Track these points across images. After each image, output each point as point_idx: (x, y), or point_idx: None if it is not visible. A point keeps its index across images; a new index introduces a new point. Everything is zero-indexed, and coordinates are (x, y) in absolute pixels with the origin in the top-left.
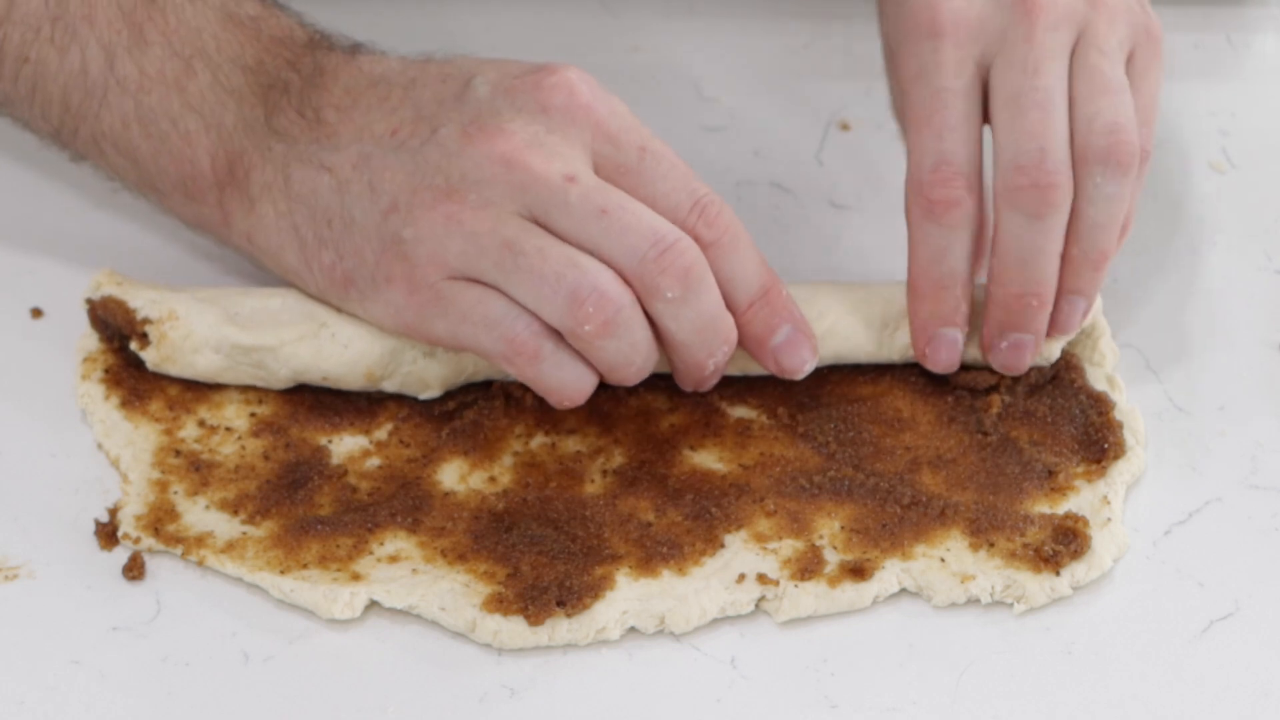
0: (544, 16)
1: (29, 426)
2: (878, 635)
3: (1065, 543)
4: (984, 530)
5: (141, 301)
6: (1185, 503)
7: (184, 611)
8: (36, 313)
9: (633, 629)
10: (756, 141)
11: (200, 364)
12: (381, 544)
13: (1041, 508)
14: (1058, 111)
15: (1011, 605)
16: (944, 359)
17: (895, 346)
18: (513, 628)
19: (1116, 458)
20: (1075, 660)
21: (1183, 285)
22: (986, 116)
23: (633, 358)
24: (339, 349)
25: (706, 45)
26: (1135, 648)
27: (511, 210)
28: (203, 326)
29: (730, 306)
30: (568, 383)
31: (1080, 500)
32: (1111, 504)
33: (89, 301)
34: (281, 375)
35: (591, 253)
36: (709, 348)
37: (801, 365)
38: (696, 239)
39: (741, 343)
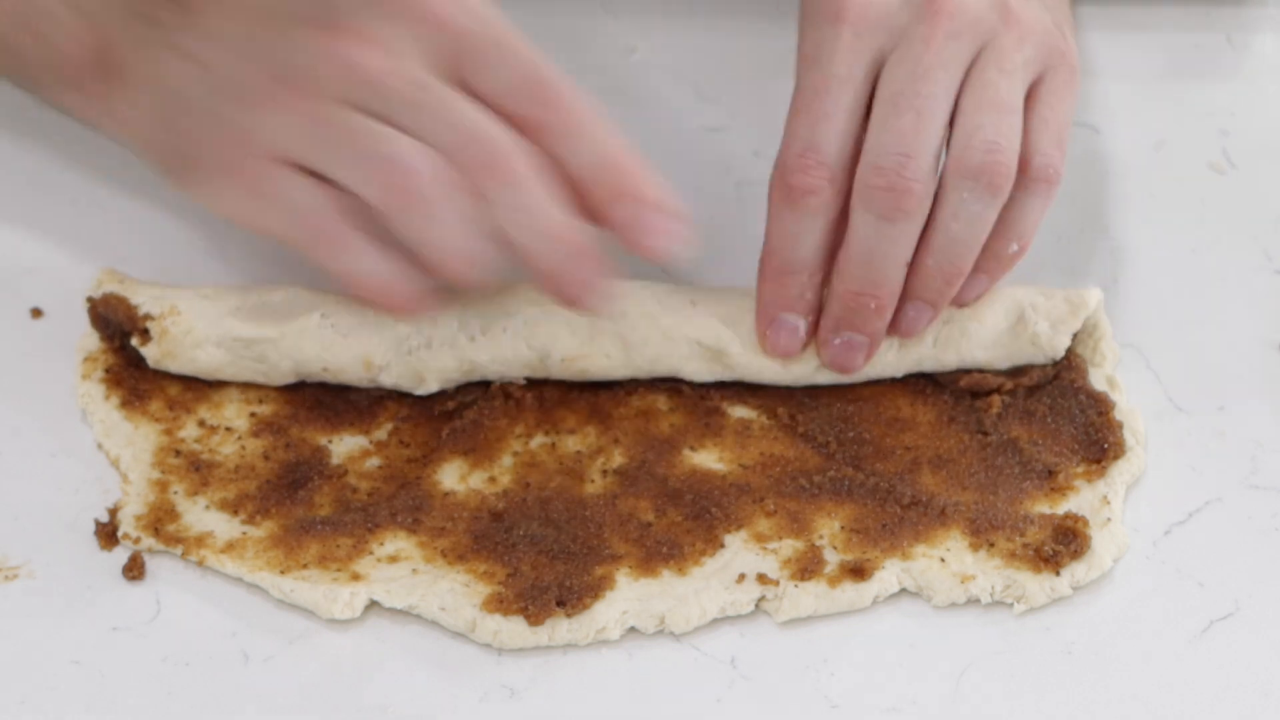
0: (544, 16)
1: (29, 426)
2: (878, 635)
3: (1065, 543)
4: (984, 530)
5: (143, 298)
6: (1185, 503)
7: (184, 611)
8: (36, 313)
9: (633, 629)
10: (756, 141)
11: (202, 359)
12: (381, 544)
13: (1041, 508)
14: (934, 120)
15: (1011, 605)
16: (782, 343)
17: (904, 364)
18: (513, 628)
19: (1116, 458)
20: (1075, 660)
21: (1183, 285)
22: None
23: (447, 238)
24: (339, 338)
25: (706, 45)
26: (1135, 648)
27: (339, 99)
28: (204, 321)
29: (581, 190)
30: (376, 273)
31: (1080, 500)
32: (1111, 504)
33: (90, 300)
34: (283, 368)
35: (419, 144)
36: (537, 242)
37: (666, 245)
38: (531, 124)
39: (602, 225)
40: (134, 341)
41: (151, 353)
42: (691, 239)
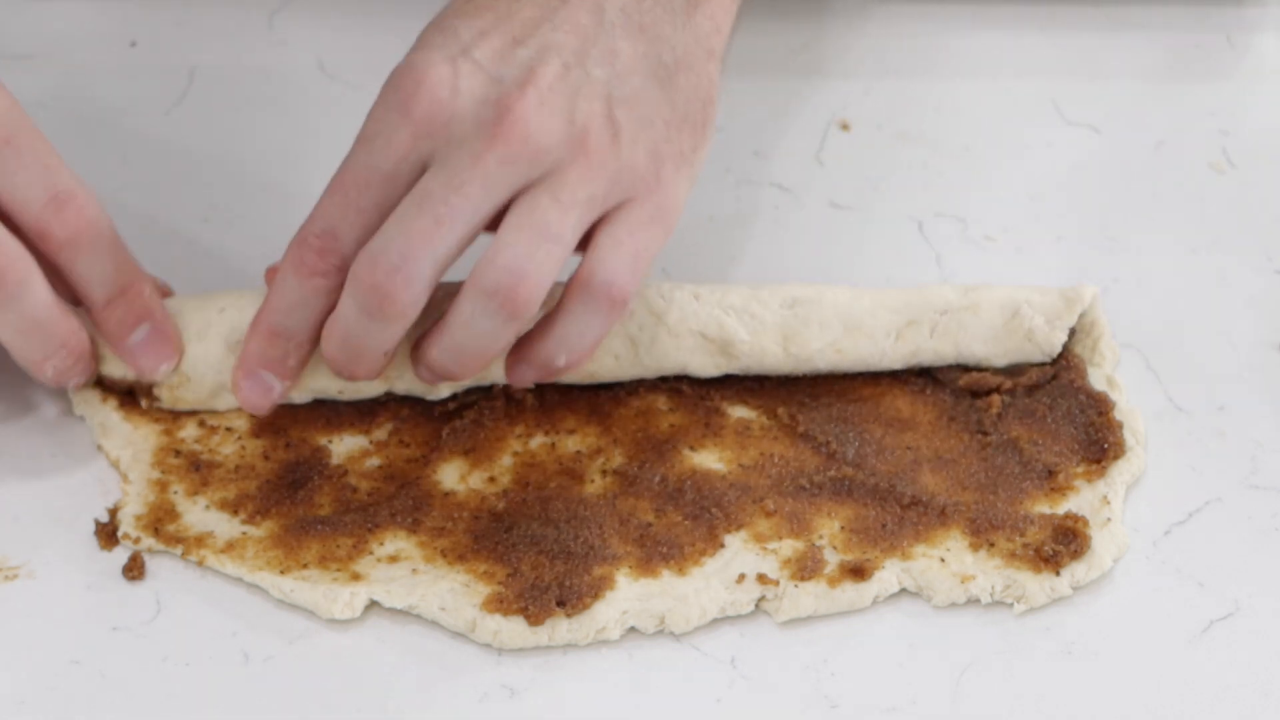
0: None
1: (29, 426)
2: (878, 635)
3: (1065, 543)
4: (984, 530)
5: None
6: (1185, 503)
7: (184, 611)
8: None
9: (633, 629)
10: (756, 141)
11: (220, 405)
12: (381, 544)
13: (1041, 508)
14: (452, 231)
15: (1011, 605)
16: (254, 399)
17: (900, 353)
18: (513, 628)
19: (1116, 458)
20: (1075, 660)
21: (1183, 285)
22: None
23: None
24: None
25: None
26: (1135, 648)
27: None
28: (213, 373)
29: (87, 306)
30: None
31: (1080, 500)
32: (1111, 504)
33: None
34: (301, 399)
35: None
36: (40, 350)
37: (157, 366)
38: (48, 236)
39: (105, 341)
40: (142, 403)
41: (164, 398)
42: (177, 357)
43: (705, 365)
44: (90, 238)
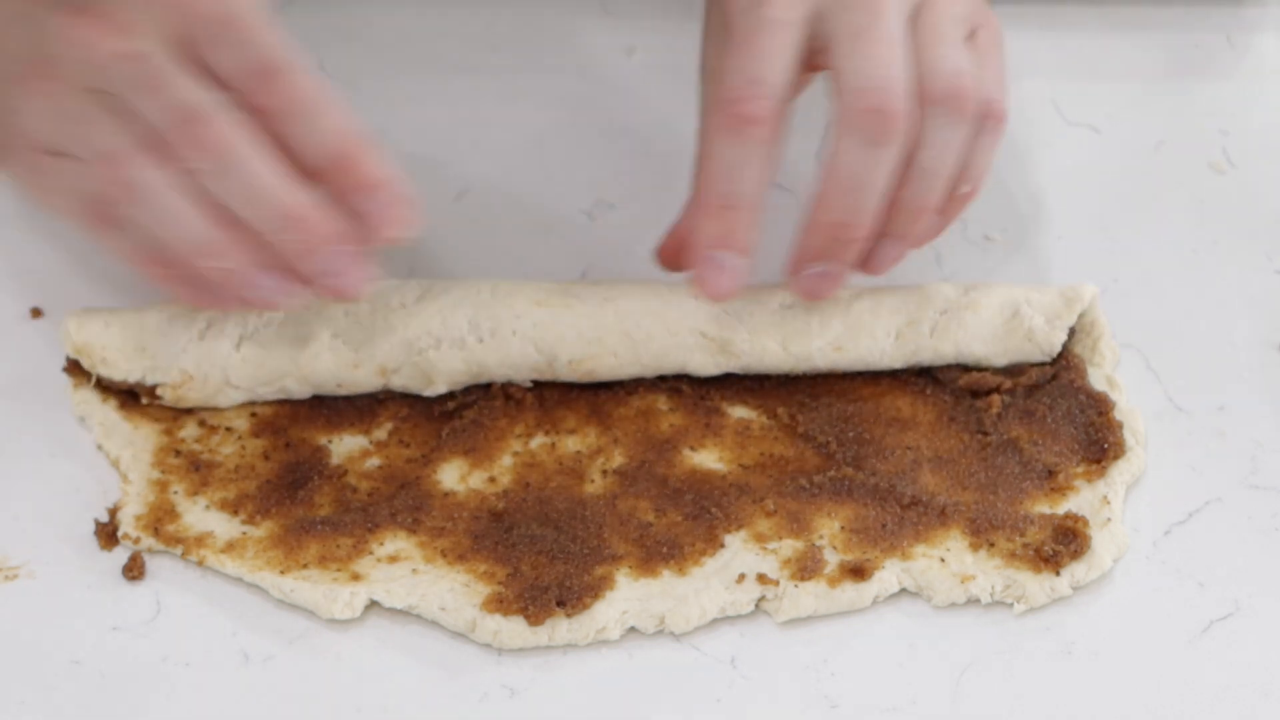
0: (544, 16)
1: (29, 427)
2: (878, 635)
3: (1065, 543)
4: (984, 530)
5: (141, 369)
6: (1185, 503)
7: (184, 611)
8: (36, 313)
9: (633, 629)
10: None
11: (223, 402)
12: (381, 544)
13: (1041, 508)
14: (902, 51)
15: (1011, 605)
16: (723, 284)
17: (901, 352)
18: (513, 628)
19: (1116, 458)
20: (1075, 660)
21: (1183, 285)
22: (809, 65)
23: (171, 227)
24: (352, 353)
25: None
26: (1135, 648)
27: (80, 85)
28: (217, 372)
29: (309, 176)
30: (138, 251)
31: (1080, 500)
32: (1111, 504)
33: (72, 361)
34: (301, 392)
35: (142, 128)
36: (265, 221)
37: (393, 227)
38: (260, 109)
39: (338, 207)
40: (143, 400)
41: (167, 397)
42: (418, 222)
43: (705, 364)
44: (299, 104)
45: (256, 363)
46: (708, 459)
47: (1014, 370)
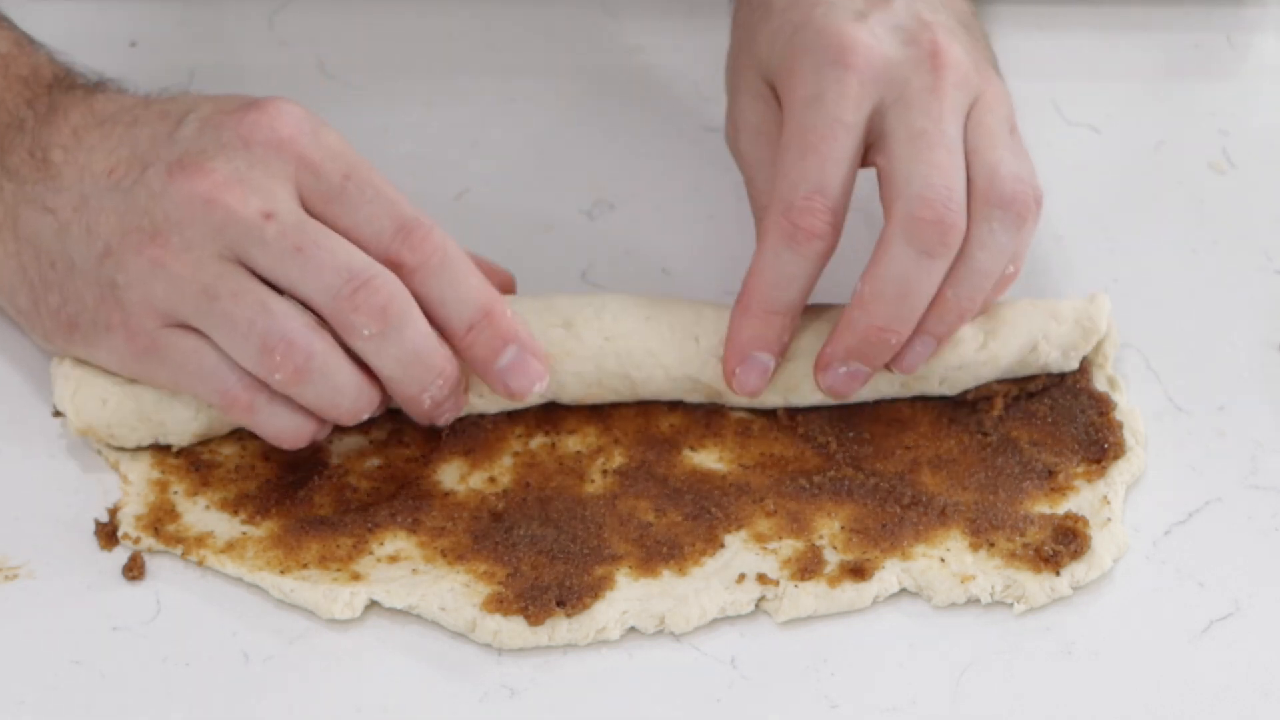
0: (544, 17)
1: (29, 427)
2: (878, 635)
3: (1065, 543)
4: (984, 530)
5: (152, 434)
6: (1185, 503)
7: (184, 611)
8: None
9: (633, 629)
10: None
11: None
12: (381, 544)
13: (1041, 508)
14: (960, 158)
15: (1011, 605)
16: (752, 383)
17: (914, 387)
18: (513, 628)
19: (1116, 458)
20: (1075, 660)
21: (1183, 285)
22: (863, 161)
23: (338, 400)
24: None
25: (706, 45)
26: (1135, 648)
27: (213, 252)
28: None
29: (447, 333)
30: (285, 430)
31: (1080, 500)
32: (1111, 504)
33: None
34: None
35: (289, 291)
36: (419, 382)
37: (530, 386)
38: (401, 265)
39: (470, 367)
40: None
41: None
42: (548, 375)
43: (700, 399)
44: (440, 262)
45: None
46: (708, 459)
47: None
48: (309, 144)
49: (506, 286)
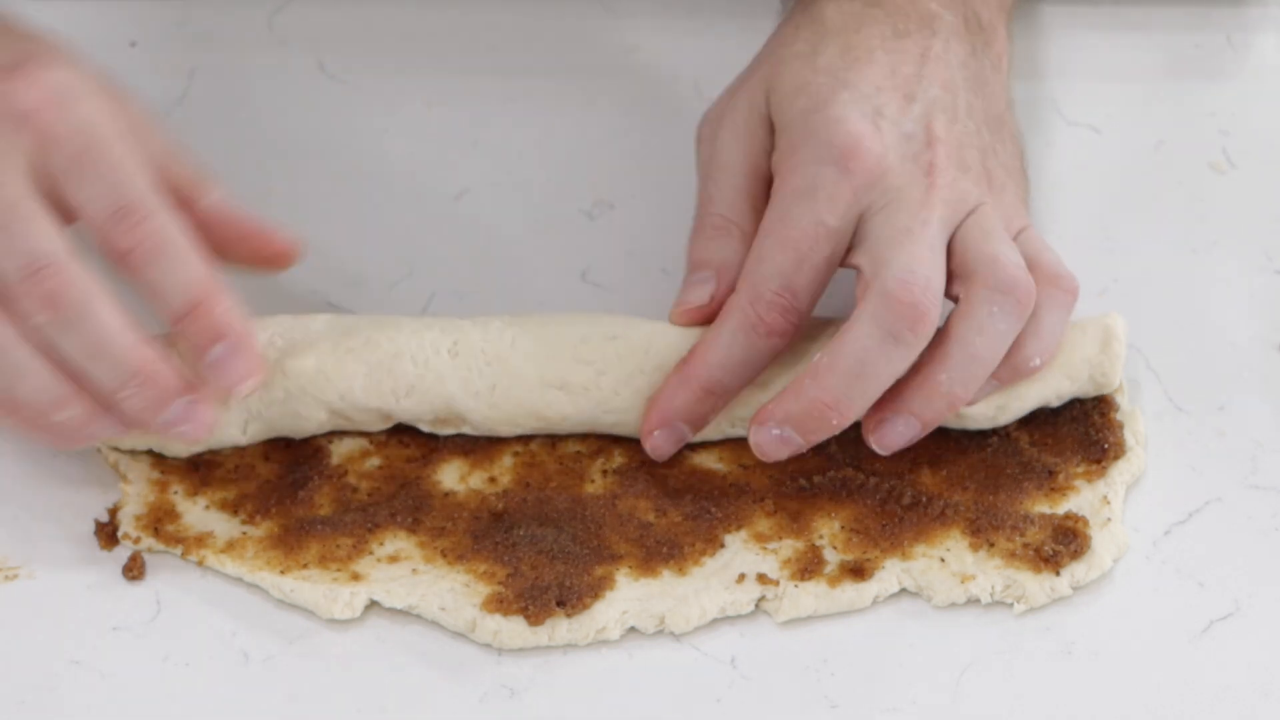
0: (544, 17)
1: None
2: (878, 635)
3: (1065, 543)
4: (984, 530)
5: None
6: (1185, 503)
7: (184, 611)
8: None
9: (633, 629)
10: None
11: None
12: (381, 544)
13: (1041, 508)
14: (941, 258)
15: (1011, 605)
16: (667, 450)
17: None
18: (513, 628)
19: (1116, 458)
20: (1075, 660)
21: (1183, 285)
22: (842, 261)
23: (20, 388)
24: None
25: (706, 45)
26: (1135, 648)
27: None
28: (227, 447)
29: (161, 321)
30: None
31: (1080, 500)
32: (1111, 504)
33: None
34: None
35: None
36: (111, 380)
37: (237, 384)
38: (114, 249)
39: (184, 360)
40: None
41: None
42: (259, 376)
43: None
44: (154, 248)
45: (263, 440)
46: (708, 459)
47: None
48: (54, 117)
49: (284, 257)
